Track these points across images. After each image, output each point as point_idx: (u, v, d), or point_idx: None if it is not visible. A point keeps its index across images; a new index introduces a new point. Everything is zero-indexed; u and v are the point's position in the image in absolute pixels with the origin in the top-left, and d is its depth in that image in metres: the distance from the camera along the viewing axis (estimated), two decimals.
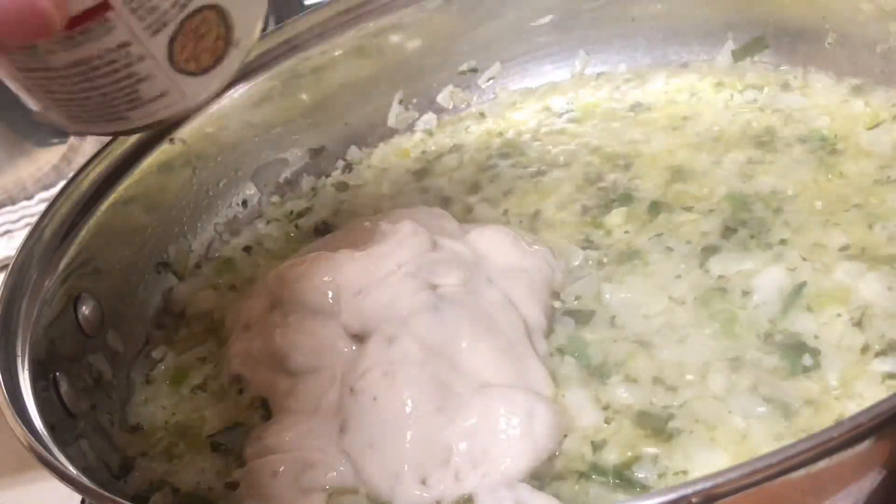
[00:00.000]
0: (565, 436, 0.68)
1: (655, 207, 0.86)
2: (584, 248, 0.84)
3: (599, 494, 0.65)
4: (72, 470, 0.63)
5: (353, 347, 0.75)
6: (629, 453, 0.67)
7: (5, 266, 0.79)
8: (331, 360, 0.75)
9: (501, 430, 0.66)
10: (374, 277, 0.76)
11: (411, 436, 0.67)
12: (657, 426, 0.68)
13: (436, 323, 0.71)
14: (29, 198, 1.26)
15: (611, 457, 0.67)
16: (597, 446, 0.68)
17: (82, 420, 0.77)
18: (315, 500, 0.68)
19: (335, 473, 0.69)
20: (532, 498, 0.64)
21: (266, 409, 0.78)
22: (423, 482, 0.66)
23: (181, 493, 0.74)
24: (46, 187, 1.27)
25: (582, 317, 0.78)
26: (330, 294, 0.78)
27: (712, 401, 0.68)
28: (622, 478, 0.65)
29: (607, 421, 0.69)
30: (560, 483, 0.66)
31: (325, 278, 0.78)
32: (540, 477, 0.66)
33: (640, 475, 0.65)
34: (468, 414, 0.67)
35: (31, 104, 0.62)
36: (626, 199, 0.88)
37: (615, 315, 0.77)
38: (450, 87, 1.07)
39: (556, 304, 0.79)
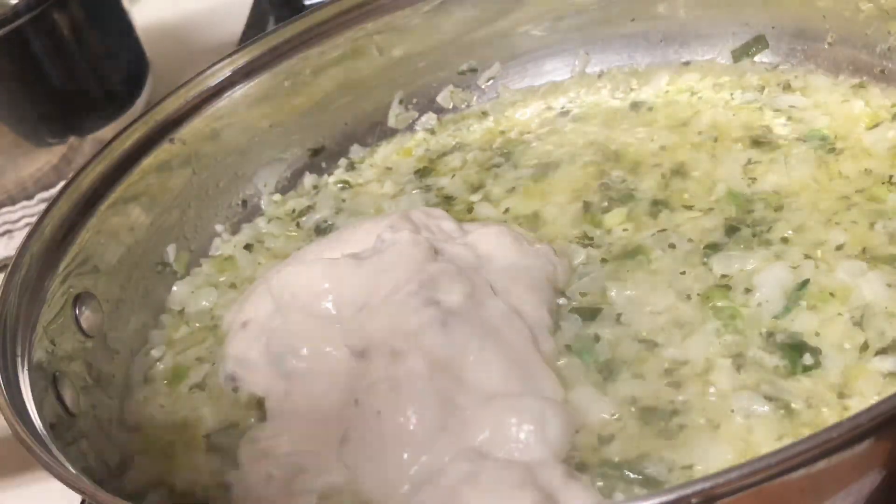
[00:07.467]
0: (577, 432, 0.68)
1: (656, 206, 0.86)
2: (585, 247, 0.84)
3: (606, 487, 0.65)
4: (72, 470, 0.63)
5: (352, 353, 0.75)
6: (635, 448, 0.67)
7: (5, 266, 0.79)
8: (328, 365, 0.75)
9: (516, 438, 0.66)
10: (376, 294, 0.76)
11: (412, 455, 0.66)
12: (662, 422, 0.68)
13: (443, 338, 0.71)
14: (29, 198, 1.26)
15: (618, 452, 0.67)
16: (604, 441, 0.68)
17: (82, 420, 0.77)
18: (305, 503, 0.68)
19: (327, 478, 0.69)
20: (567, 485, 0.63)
21: (262, 410, 0.78)
22: (420, 497, 0.65)
23: (177, 492, 0.74)
24: (46, 187, 1.26)
25: (588, 314, 0.78)
26: (330, 302, 0.78)
27: (716, 398, 0.68)
28: (630, 471, 0.65)
29: (614, 417, 0.69)
30: None
31: (326, 286, 0.78)
32: None
33: (647, 469, 0.65)
34: (478, 429, 0.67)
35: None
36: (628, 197, 0.88)
37: (621, 312, 0.77)
38: (450, 87, 1.07)
39: (562, 301, 0.79)
